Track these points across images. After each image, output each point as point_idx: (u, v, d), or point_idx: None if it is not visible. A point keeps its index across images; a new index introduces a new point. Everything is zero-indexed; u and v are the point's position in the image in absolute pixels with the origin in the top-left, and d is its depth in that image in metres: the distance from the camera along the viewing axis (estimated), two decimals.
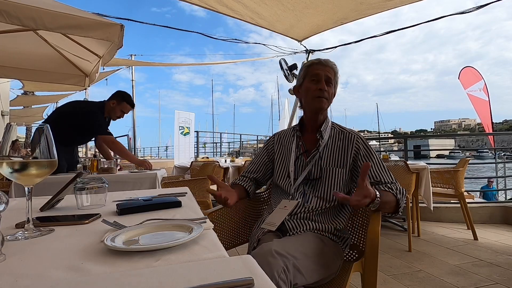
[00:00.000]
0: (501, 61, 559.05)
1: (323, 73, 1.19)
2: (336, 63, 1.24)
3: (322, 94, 1.18)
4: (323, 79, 1.18)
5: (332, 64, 1.22)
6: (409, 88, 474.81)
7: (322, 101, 1.18)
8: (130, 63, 7.42)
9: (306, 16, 3.51)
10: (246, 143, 15.58)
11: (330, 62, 1.22)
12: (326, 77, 1.19)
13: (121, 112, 2.60)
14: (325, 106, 1.20)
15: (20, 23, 1.77)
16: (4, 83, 7.37)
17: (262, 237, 1.09)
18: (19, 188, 1.99)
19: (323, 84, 1.18)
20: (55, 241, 0.60)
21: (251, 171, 1.34)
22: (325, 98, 1.18)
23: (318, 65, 1.21)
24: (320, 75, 1.19)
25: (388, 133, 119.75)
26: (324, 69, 1.19)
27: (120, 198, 1.07)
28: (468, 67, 7.48)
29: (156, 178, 2.25)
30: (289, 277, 0.80)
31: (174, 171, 4.73)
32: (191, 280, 0.40)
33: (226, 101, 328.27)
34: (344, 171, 1.16)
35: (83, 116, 2.44)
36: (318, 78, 1.19)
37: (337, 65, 1.24)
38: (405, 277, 2.02)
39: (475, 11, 3.46)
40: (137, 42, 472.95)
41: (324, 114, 1.24)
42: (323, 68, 1.19)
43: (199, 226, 0.61)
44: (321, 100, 1.18)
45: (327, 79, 1.19)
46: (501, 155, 15.99)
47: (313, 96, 1.19)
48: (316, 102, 1.19)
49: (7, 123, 0.98)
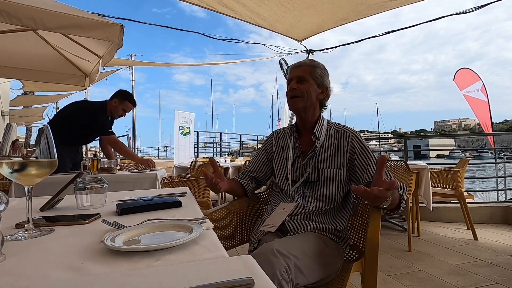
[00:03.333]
0: (501, 61, 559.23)
1: (295, 74, 1.20)
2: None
3: (293, 93, 1.19)
4: (295, 79, 1.20)
5: (308, 63, 1.22)
6: (409, 88, 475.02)
7: (294, 100, 1.19)
8: (130, 63, 7.43)
9: (306, 16, 3.51)
10: (246, 143, 15.58)
11: (306, 62, 1.23)
12: (297, 77, 1.20)
13: (123, 111, 2.62)
14: (300, 105, 1.18)
15: (20, 23, 1.77)
16: (4, 83, 7.37)
17: (262, 237, 1.08)
18: (19, 188, 1.99)
19: (293, 84, 1.19)
20: (55, 241, 0.60)
21: (251, 171, 1.33)
22: (296, 96, 1.18)
23: (292, 69, 1.23)
24: (292, 78, 1.21)
25: (388, 133, 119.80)
26: (296, 71, 1.21)
27: (120, 198, 1.07)
28: (464, 69, 7.49)
29: (156, 178, 2.25)
30: (291, 277, 0.80)
31: (174, 171, 4.73)
32: (191, 280, 0.39)
33: (226, 101, 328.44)
34: (341, 172, 1.15)
35: (86, 116, 2.46)
36: (289, 80, 1.22)
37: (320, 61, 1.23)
38: (405, 277, 2.02)
39: (475, 11, 3.46)
40: (137, 42, 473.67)
41: (311, 113, 1.21)
42: (296, 70, 1.21)
43: (199, 226, 0.61)
44: (293, 100, 1.19)
45: (299, 78, 1.19)
46: (501, 155, 15.99)
47: (288, 98, 1.21)
48: (290, 104, 1.21)
49: (7, 123, 0.98)
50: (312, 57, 5.10)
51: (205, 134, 12.55)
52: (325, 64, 1.25)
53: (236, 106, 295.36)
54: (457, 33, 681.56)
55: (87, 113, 2.47)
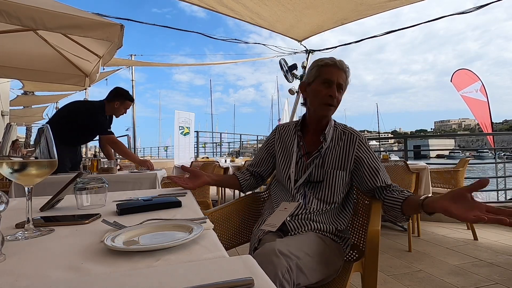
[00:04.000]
0: (500, 61, 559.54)
1: (336, 78, 1.11)
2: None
3: (332, 102, 1.12)
4: (335, 85, 1.11)
5: (346, 68, 1.14)
6: (409, 88, 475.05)
7: (330, 109, 1.13)
8: (130, 63, 7.43)
9: (306, 16, 3.51)
10: (246, 143, 15.59)
11: (345, 65, 1.14)
12: (338, 83, 1.11)
13: (125, 110, 2.66)
14: (331, 113, 1.16)
15: (20, 23, 1.77)
16: (4, 83, 7.37)
17: (263, 237, 1.08)
18: (19, 188, 1.99)
19: (335, 91, 1.10)
20: (55, 241, 0.60)
21: (254, 165, 1.34)
22: (334, 106, 1.14)
23: (333, 67, 1.12)
24: (333, 80, 1.11)
25: (388, 133, 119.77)
26: (338, 73, 1.11)
27: (120, 198, 1.07)
28: (461, 70, 7.50)
29: (156, 178, 2.25)
30: (292, 277, 0.80)
31: (174, 171, 4.73)
32: (191, 280, 0.39)
33: (226, 101, 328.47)
34: (345, 174, 1.15)
35: (86, 115, 2.47)
36: (330, 82, 1.11)
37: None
38: (405, 277, 2.02)
39: (475, 11, 3.47)
40: (137, 42, 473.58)
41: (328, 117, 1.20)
42: (337, 72, 1.11)
43: (199, 226, 0.61)
44: (330, 108, 1.13)
45: (339, 85, 1.12)
46: (501, 155, 15.98)
47: (322, 103, 1.13)
48: (324, 110, 1.14)
49: (7, 123, 0.98)
50: (312, 57, 5.10)
51: (205, 134, 12.56)
52: None
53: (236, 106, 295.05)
54: (457, 33, 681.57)
55: (87, 113, 2.48)
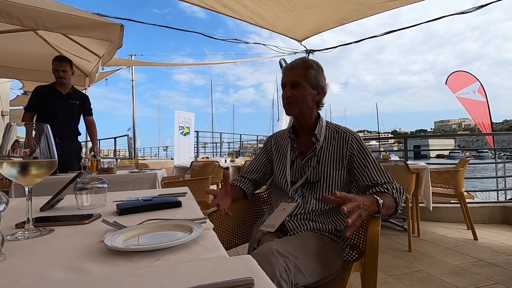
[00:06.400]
0: (500, 62, 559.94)
1: (289, 79, 1.17)
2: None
3: (288, 100, 1.17)
4: (288, 85, 1.17)
5: (301, 65, 1.17)
6: (409, 88, 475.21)
7: (290, 106, 1.17)
8: (130, 63, 7.42)
9: (306, 16, 3.52)
10: (246, 143, 15.60)
11: (300, 63, 1.17)
12: (291, 82, 1.16)
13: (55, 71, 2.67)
14: (295, 111, 1.18)
15: (20, 23, 1.78)
16: (4, 83, 7.37)
17: (262, 237, 1.09)
18: (19, 188, 1.99)
19: (287, 91, 1.17)
20: (55, 241, 0.60)
21: (250, 172, 1.34)
22: (292, 103, 1.17)
23: (286, 71, 1.19)
24: (285, 82, 1.18)
25: (388, 133, 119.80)
26: (289, 73, 1.17)
27: (120, 198, 1.07)
28: (457, 72, 7.47)
29: (156, 178, 2.25)
30: (290, 277, 0.80)
31: (174, 171, 4.73)
32: (191, 280, 0.39)
33: (226, 101, 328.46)
34: (341, 173, 1.15)
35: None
36: (283, 85, 1.19)
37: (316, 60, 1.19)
38: (405, 277, 2.02)
39: (474, 12, 3.47)
40: (137, 42, 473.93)
41: (307, 116, 1.20)
42: (289, 74, 1.18)
43: (199, 226, 0.61)
44: (289, 106, 1.18)
45: (293, 83, 1.16)
46: (501, 155, 15.98)
47: (283, 105, 1.20)
48: (286, 110, 1.20)
49: (7, 123, 0.98)
50: (312, 57, 5.10)
51: (205, 134, 12.57)
52: (325, 65, 1.22)
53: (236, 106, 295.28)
54: (457, 33, 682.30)
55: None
